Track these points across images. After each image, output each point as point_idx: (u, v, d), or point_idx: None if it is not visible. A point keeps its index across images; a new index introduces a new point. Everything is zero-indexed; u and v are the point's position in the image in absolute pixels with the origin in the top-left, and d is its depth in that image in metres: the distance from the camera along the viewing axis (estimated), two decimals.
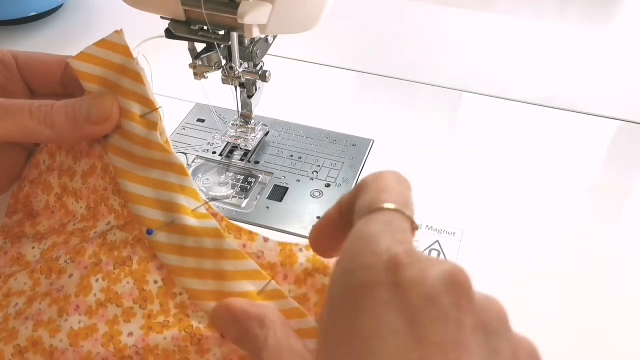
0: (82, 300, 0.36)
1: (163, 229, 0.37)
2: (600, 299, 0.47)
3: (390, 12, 0.85)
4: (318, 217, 0.53)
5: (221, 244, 0.36)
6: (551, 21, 0.84)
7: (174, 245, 0.36)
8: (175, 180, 0.38)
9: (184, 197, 0.37)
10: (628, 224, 0.54)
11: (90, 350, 0.35)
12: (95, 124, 0.39)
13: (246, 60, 0.53)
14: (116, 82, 0.40)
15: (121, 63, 0.40)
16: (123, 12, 0.43)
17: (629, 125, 0.65)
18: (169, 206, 0.37)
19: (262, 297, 0.34)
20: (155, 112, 0.40)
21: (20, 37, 0.78)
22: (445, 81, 0.70)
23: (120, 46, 0.40)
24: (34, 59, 0.44)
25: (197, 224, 0.36)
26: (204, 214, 0.37)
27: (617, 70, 0.74)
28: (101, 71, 0.40)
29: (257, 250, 0.36)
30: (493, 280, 0.48)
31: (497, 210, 0.54)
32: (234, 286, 0.35)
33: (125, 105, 0.40)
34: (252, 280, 0.35)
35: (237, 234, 0.37)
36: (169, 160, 0.38)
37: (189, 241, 0.36)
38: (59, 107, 0.39)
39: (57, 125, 0.39)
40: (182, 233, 0.36)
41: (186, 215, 0.37)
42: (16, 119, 0.38)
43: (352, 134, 0.62)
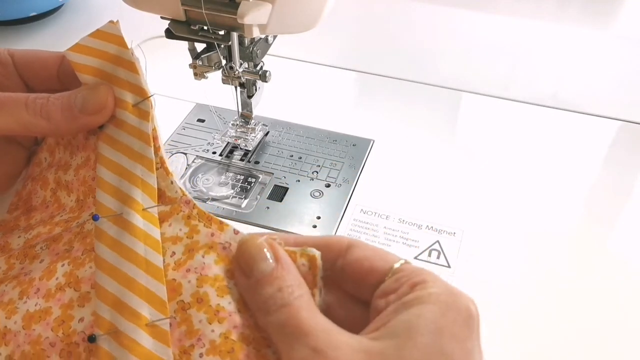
0: (44, 283, 0.36)
1: (110, 218, 0.36)
2: (600, 298, 0.47)
3: (390, 12, 0.85)
4: (318, 217, 0.53)
5: (151, 254, 0.35)
6: (551, 21, 0.84)
7: (111, 237, 0.35)
8: (140, 173, 0.37)
9: (141, 192, 0.37)
10: (628, 224, 0.54)
11: (40, 333, 0.35)
12: (90, 114, 0.39)
13: (246, 60, 0.53)
14: (111, 73, 0.40)
15: (116, 53, 0.40)
16: (123, 12, 0.43)
17: (629, 125, 0.65)
18: (124, 197, 0.37)
19: (148, 329, 0.33)
20: (147, 100, 0.39)
21: (20, 37, 0.78)
22: (445, 81, 0.70)
23: (115, 36, 0.40)
24: (29, 56, 0.45)
25: (141, 225, 0.36)
26: (154, 217, 0.36)
27: (617, 70, 0.74)
28: (96, 62, 0.40)
29: (224, 240, 0.35)
30: (493, 280, 0.48)
31: (497, 210, 0.54)
32: (132, 300, 0.34)
33: (119, 95, 0.39)
34: (152, 306, 0.34)
35: (207, 222, 0.35)
36: (142, 152, 0.38)
37: (125, 238, 0.35)
38: (55, 99, 0.39)
39: (53, 117, 0.39)
40: (123, 228, 0.35)
41: (135, 212, 0.36)
42: (12, 112, 0.38)
43: (352, 134, 0.62)
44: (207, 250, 0.34)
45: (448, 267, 0.49)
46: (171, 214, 0.37)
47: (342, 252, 0.32)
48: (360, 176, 0.57)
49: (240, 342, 0.31)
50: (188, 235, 0.35)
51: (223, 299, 0.32)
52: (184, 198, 0.37)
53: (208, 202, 0.54)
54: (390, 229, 0.52)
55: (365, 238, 0.51)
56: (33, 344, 0.35)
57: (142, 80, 0.40)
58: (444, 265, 0.49)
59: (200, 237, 0.35)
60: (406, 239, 0.51)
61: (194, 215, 0.36)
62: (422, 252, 0.50)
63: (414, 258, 0.49)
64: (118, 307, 0.33)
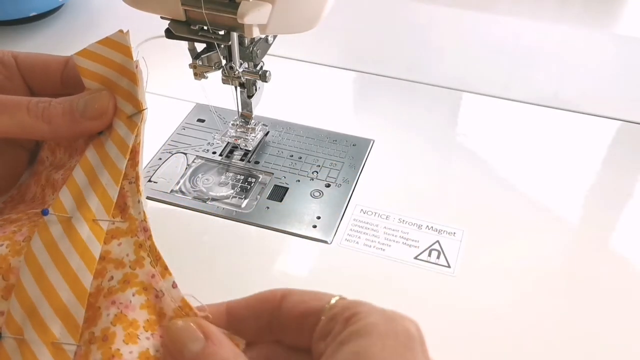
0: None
1: (60, 217, 0.35)
2: (600, 298, 0.47)
3: (390, 12, 0.85)
4: (318, 217, 0.53)
5: (82, 271, 0.33)
6: (551, 21, 0.84)
7: (52, 237, 0.34)
8: (105, 181, 0.37)
9: (98, 201, 0.36)
10: (628, 224, 0.54)
11: None
12: (91, 120, 0.39)
13: (246, 60, 0.53)
14: (115, 81, 0.40)
15: (121, 63, 0.40)
16: (123, 12, 0.43)
17: (629, 125, 0.65)
18: (80, 201, 0.36)
19: (52, 348, 0.32)
20: (139, 113, 0.39)
21: (20, 37, 0.78)
22: (445, 81, 0.70)
23: (123, 46, 0.40)
24: (33, 59, 0.45)
25: (85, 236, 0.34)
26: (101, 230, 0.35)
27: (617, 70, 0.74)
28: (102, 69, 0.40)
29: (160, 288, 0.33)
30: (493, 280, 0.48)
31: (497, 210, 0.54)
32: (46, 313, 0.32)
33: (120, 104, 0.40)
34: (64, 326, 0.32)
35: (154, 260, 0.34)
36: (116, 161, 0.37)
37: (64, 244, 0.34)
38: (57, 103, 0.39)
39: (54, 121, 0.39)
40: (67, 232, 0.34)
41: (84, 221, 0.35)
42: (14, 115, 0.39)
43: (352, 134, 0.62)
44: (141, 290, 0.33)
45: (448, 267, 0.49)
46: (126, 233, 0.35)
47: (277, 303, 0.31)
48: (360, 176, 0.57)
49: None
50: (131, 266, 0.34)
51: (127, 346, 0.31)
52: (143, 223, 0.35)
53: (208, 202, 0.54)
54: (390, 229, 0.52)
55: (365, 238, 0.51)
56: None
57: (139, 92, 0.40)
58: (444, 265, 0.49)
59: (141, 272, 0.34)
60: (406, 239, 0.51)
61: (146, 247, 0.34)
62: (422, 252, 0.50)
63: (414, 258, 0.49)
64: (31, 315, 0.32)
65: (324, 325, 0.29)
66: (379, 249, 0.50)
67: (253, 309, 0.32)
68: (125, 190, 0.37)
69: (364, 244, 0.51)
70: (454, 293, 0.47)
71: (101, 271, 0.34)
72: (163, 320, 0.32)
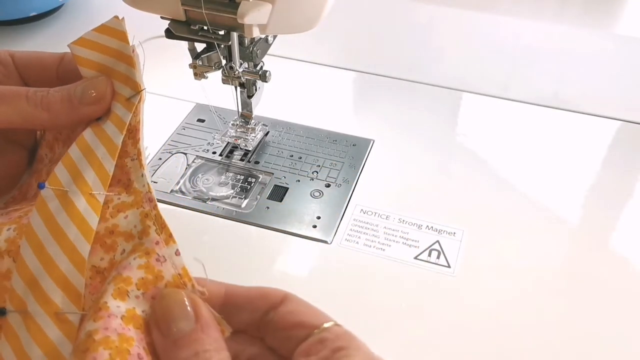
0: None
1: (56, 191, 0.35)
2: (600, 298, 0.47)
3: (390, 12, 0.85)
4: (318, 217, 0.53)
5: (80, 242, 0.33)
6: (551, 21, 0.84)
7: (49, 211, 0.34)
8: (101, 155, 0.37)
9: (94, 175, 0.36)
10: (628, 224, 0.54)
11: None
12: (89, 105, 0.39)
13: (246, 60, 0.53)
14: (112, 67, 0.40)
15: (117, 48, 0.40)
16: (123, 12, 0.43)
17: (629, 125, 0.65)
18: (76, 175, 0.36)
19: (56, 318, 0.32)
20: (137, 94, 0.39)
21: (20, 37, 0.78)
22: (445, 81, 0.70)
23: (118, 31, 0.40)
24: (29, 56, 0.45)
25: (82, 209, 0.34)
26: (98, 203, 0.35)
27: (617, 71, 0.74)
28: (98, 56, 0.40)
29: (162, 254, 0.33)
30: (493, 280, 0.48)
31: (497, 210, 0.54)
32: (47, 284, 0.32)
33: (118, 88, 0.40)
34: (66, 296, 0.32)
35: (159, 228, 0.34)
36: (112, 136, 0.38)
37: (61, 217, 0.34)
38: (54, 91, 0.40)
39: (53, 108, 0.40)
40: (64, 205, 0.34)
41: (81, 194, 0.35)
42: (13, 104, 0.39)
43: (352, 134, 0.62)
44: (142, 254, 0.33)
45: (448, 267, 0.49)
46: (131, 206, 0.35)
47: (277, 304, 0.31)
48: (360, 176, 0.57)
49: (98, 345, 0.29)
50: (139, 236, 0.34)
51: (114, 300, 0.30)
52: (148, 194, 0.35)
53: (208, 202, 0.54)
54: (390, 229, 0.52)
55: (365, 238, 0.51)
56: None
57: (137, 75, 0.40)
58: (444, 265, 0.49)
59: (147, 240, 0.34)
60: (406, 239, 0.51)
61: (151, 216, 0.34)
62: (422, 252, 0.50)
63: (414, 258, 0.49)
64: (32, 287, 0.32)
65: (311, 344, 0.29)
66: (379, 249, 0.50)
67: (251, 302, 0.32)
68: (128, 167, 0.37)
69: (364, 244, 0.51)
70: (454, 293, 0.47)
71: (112, 245, 0.34)
72: (159, 283, 0.32)
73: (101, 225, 0.35)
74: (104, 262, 0.34)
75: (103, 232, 0.35)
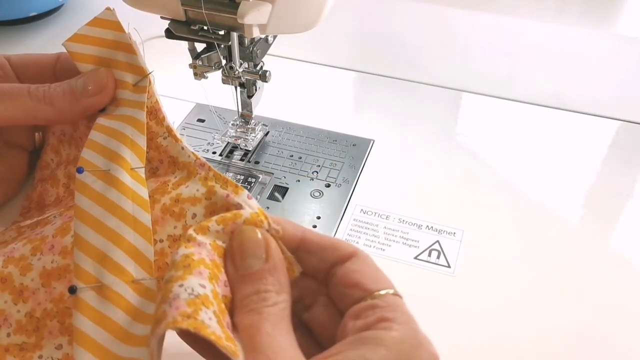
0: (59, 240, 0.35)
1: (95, 173, 0.35)
2: (600, 298, 0.47)
3: (390, 12, 0.85)
4: (318, 217, 0.53)
5: (139, 212, 0.34)
6: (551, 21, 0.84)
7: (95, 192, 0.35)
8: (130, 133, 0.37)
9: (130, 152, 0.36)
10: (628, 224, 0.54)
11: (62, 292, 0.34)
12: (91, 96, 0.40)
13: (246, 60, 0.53)
14: (110, 57, 0.41)
15: (114, 38, 0.41)
16: (123, 12, 0.43)
17: (629, 125, 0.65)
18: (112, 155, 0.36)
19: (133, 285, 0.33)
20: (145, 78, 0.40)
21: (20, 37, 0.78)
22: (445, 81, 0.70)
23: (112, 22, 0.41)
24: (25, 59, 0.46)
25: (129, 183, 0.35)
26: (141, 177, 0.36)
27: (617, 70, 0.74)
28: (95, 50, 0.41)
29: (236, 202, 0.34)
30: (493, 280, 0.48)
31: (497, 210, 0.54)
32: (117, 255, 0.33)
33: (120, 77, 0.40)
34: (138, 264, 0.33)
35: (224, 184, 0.35)
36: (135, 115, 0.38)
37: (112, 194, 0.34)
38: (56, 85, 0.40)
39: (55, 102, 0.40)
40: (110, 184, 0.35)
41: (124, 170, 0.35)
42: (16, 100, 0.40)
43: (352, 134, 0.62)
44: (224, 212, 0.33)
45: (448, 267, 0.49)
46: (188, 177, 0.36)
47: (345, 258, 0.32)
48: (360, 176, 0.57)
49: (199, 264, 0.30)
50: (206, 197, 0.35)
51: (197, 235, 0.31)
52: (197, 161, 0.37)
53: None
54: (390, 229, 0.52)
55: (365, 238, 0.51)
56: (56, 302, 0.34)
57: (140, 60, 0.40)
58: (444, 265, 0.49)
59: (217, 198, 0.34)
60: (406, 239, 0.51)
61: (211, 177, 0.36)
62: (422, 252, 0.50)
63: (414, 258, 0.49)
64: (102, 261, 0.33)
65: (362, 308, 0.30)
66: (379, 249, 0.50)
67: (322, 250, 0.33)
68: (165, 146, 0.38)
69: (364, 244, 0.51)
70: (454, 293, 0.47)
71: (180, 212, 0.35)
72: (238, 220, 0.32)
73: (166, 197, 0.35)
74: (177, 230, 0.35)
75: (169, 203, 0.35)
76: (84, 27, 0.41)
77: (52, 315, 0.34)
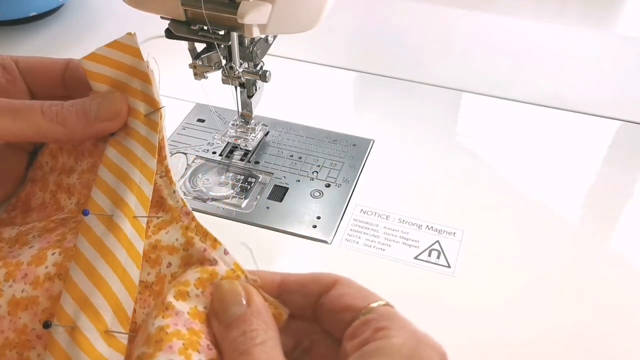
0: (32, 269, 0.35)
1: (100, 217, 0.36)
2: (600, 298, 0.47)
3: (390, 12, 0.85)
4: (318, 217, 0.53)
5: (130, 265, 0.35)
6: (551, 21, 0.84)
7: (96, 235, 0.35)
8: (138, 180, 0.38)
9: (135, 199, 0.37)
10: (628, 224, 0.54)
11: (27, 323, 0.34)
12: (104, 121, 0.40)
13: (246, 60, 0.53)
14: (126, 82, 0.41)
15: (131, 64, 0.41)
16: (123, 12, 0.43)
17: (629, 125, 0.65)
18: (117, 200, 0.37)
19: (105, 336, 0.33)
20: (157, 111, 0.40)
21: (20, 37, 0.78)
22: (445, 81, 0.70)
23: (132, 48, 0.41)
24: (34, 62, 0.45)
25: (129, 233, 0.36)
26: (142, 227, 0.36)
27: (617, 70, 0.74)
28: (111, 72, 0.41)
29: (212, 257, 0.35)
30: (493, 280, 0.48)
31: (498, 210, 0.54)
32: (98, 301, 0.33)
33: (133, 104, 0.40)
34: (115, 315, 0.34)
35: (203, 237, 0.36)
36: (145, 160, 0.38)
37: (109, 240, 0.35)
38: (69, 106, 0.40)
39: (68, 123, 0.40)
40: (110, 229, 0.35)
41: (126, 218, 0.36)
42: (29, 119, 0.39)
43: (352, 134, 0.62)
44: (197, 266, 0.34)
45: (448, 267, 0.49)
46: (170, 222, 0.37)
47: (328, 287, 0.32)
48: (360, 176, 0.57)
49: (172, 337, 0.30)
50: (184, 247, 0.35)
51: (177, 302, 0.32)
52: (184, 209, 0.37)
53: (208, 202, 0.54)
54: (390, 229, 0.52)
55: (365, 238, 0.51)
56: (18, 332, 0.34)
57: (155, 91, 0.41)
58: (444, 265, 0.49)
59: (194, 250, 0.35)
60: (406, 239, 0.51)
61: (192, 228, 0.36)
62: (422, 252, 0.50)
63: (414, 258, 0.49)
64: (83, 304, 0.33)
65: (356, 327, 0.30)
66: (379, 249, 0.50)
67: (304, 286, 0.32)
68: (159, 184, 0.39)
69: (364, 244, 0.51)
70: (454, 293, 0.47)
71: (157, 260, 0.35)
72: (215, 279, 0.33)
73: (144, 242, 0.36)
74: (150, 277, 0.35)
75: (147, 248, 0.36)
76: (102, 48, 0.41)
77: (13, 345, 0.35)
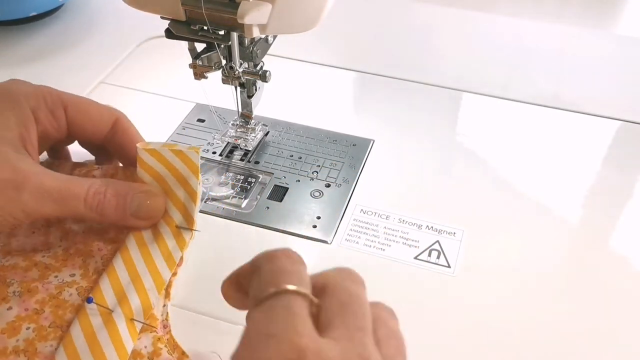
0: (3, 339, 0.36)
1: (101, 309, 0.37)
2: (600, 298, 0.47)
3: (389, 12, 0.85)
4: (318, 217, 0.53)
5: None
6: (551, 21, 0.84)
7: (91, 328, 0.36)
8: (148, 286, 0.39)
9: (139, 303, 0.38)
10: (628, 224, 0.54)
11: None
12: (139, 219, 0.42)
13: (246, 60, 0.53)
14: (172, 187, 0.42)
15: (185, 176, 0.42)
16: (123, 12, 0.43)
17: (629, 125, 0.65)
18: (123, 299, 0.38)
19: None
20: (190, 230, 0.42)
21: (20, 37, 0.78)
22: (445, 81, 0.70)
23: (192, 163, 0.43)
24: (83, 109, 0.47)
25: (123, 334, 0.37)
26: (136, 332, 0.37)
27: (617, 70, 0.74)
28: (162, 170, 0.43)
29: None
30: (493, 280, 0.48)
31: (498, 210, 0.54)
32: None
33: (169, 210, 0.42)
34: None
35: (172, 349, 0.37)
36: (162, 271, 0.40)
37: (102, 336, 0.36)
38: (111, 196, 0.41)
39: (105, 214, 0.41)
40: (106, 325, 0.37)
41: (124, 318, 0.37)
42: (70, 205, 0.41)
43: (352, 134, 0.62)
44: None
45: (448, 267, 0.49)
46: (146, 329, 0.38)
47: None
48: (360, 176, 0.57)
49: None
50: (149, 357, 0.36)
51: None
52: (164, 322, 0.39)
53: (208, 202, 0.54)
54: (390, 229, 0.52)
55: (365, 238, 0.51)
56: None
57: (195, 212, 0.42)
58: (444, 265, 0.49)
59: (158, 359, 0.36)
60: (406, 239, 0.51)
61: (164, 340, 0.38)
62: (422, 252, 0.50)
63: (414, 258, 0.49)
64: None
65: None
66: (379, 249, 0.50)
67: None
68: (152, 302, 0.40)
69: (364, 244, 0.51)
70: (454, 293, 0.47)
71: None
72: None
73: None
74: None
75: None
76: (164, 148, 0.43)
77: None
